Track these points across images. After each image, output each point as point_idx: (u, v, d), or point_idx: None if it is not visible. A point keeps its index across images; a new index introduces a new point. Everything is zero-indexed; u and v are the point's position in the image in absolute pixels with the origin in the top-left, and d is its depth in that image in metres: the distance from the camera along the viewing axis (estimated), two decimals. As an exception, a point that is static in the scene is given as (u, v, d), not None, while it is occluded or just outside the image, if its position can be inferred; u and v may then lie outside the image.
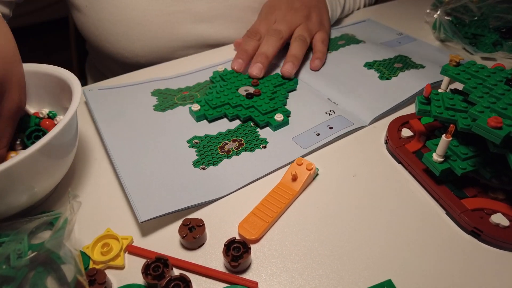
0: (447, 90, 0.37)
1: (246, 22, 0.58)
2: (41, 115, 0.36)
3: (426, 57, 0.53)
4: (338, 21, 0.66)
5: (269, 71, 0.51)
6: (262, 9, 0.56)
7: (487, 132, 0.27)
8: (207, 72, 0.52)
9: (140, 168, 0.35)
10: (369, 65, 0.51)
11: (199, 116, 0.42)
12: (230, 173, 0.35)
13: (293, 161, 0.36)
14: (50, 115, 0.36)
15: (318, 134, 0.40)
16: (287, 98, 0.46)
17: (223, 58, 0.55)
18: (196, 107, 0.42)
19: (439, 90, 0.36)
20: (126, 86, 0.48)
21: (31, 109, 0.38)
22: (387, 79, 0.48)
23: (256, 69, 0.47)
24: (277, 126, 0.40)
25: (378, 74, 0.49)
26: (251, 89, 0.45)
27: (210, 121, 0.42)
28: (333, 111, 0.43)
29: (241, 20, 0.60)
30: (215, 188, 0.34)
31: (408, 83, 0.46)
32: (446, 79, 0.37)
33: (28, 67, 0.37)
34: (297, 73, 0.51)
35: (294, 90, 0.48)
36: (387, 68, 0.50)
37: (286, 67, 0.48)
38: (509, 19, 0.54)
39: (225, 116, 0.42)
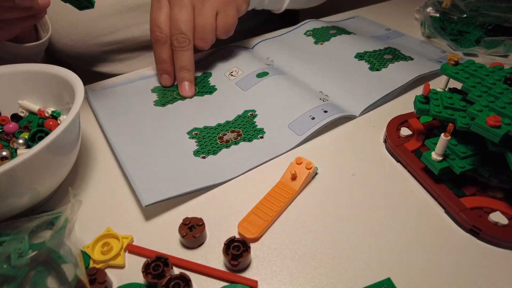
0: (446, 89, 0.37)
1: None
2: (46, 114, 0.37)
3: (414, 50, 0.54)
4: (326, 19, 0.67)
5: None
6: None
7: (486, 131, 0.27)
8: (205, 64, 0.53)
9: (142, 158, 0.36)
10: (360, 56, 0.51)
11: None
12: (229, 161, 0.36)
13: (289, 150, 0.38)
14: (54, 114, 0.37)
15: (313, 118, 0.40)
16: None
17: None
18: None
19: (438, 89, 0.36)
20: (127, 83, 0.49)
21: (36, 106, 0.38)
22: (377, 70, 0.48)
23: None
24: None
25: (369, 66, 0.49)
26: None
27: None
28: (327, 99, 0.43)
29: None
30: (216, 174, 0.35)
31: (398, 74, 0.47)
32: (444, 78, 0.37)
33: (32, 67, 0.37)
34: (288, 65, 0.51)
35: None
36: (377, 59, 0.50)
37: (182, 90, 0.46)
38: (496, 16, 0.54)
39: None
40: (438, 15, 0.58)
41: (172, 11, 0.44)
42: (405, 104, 0.45)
